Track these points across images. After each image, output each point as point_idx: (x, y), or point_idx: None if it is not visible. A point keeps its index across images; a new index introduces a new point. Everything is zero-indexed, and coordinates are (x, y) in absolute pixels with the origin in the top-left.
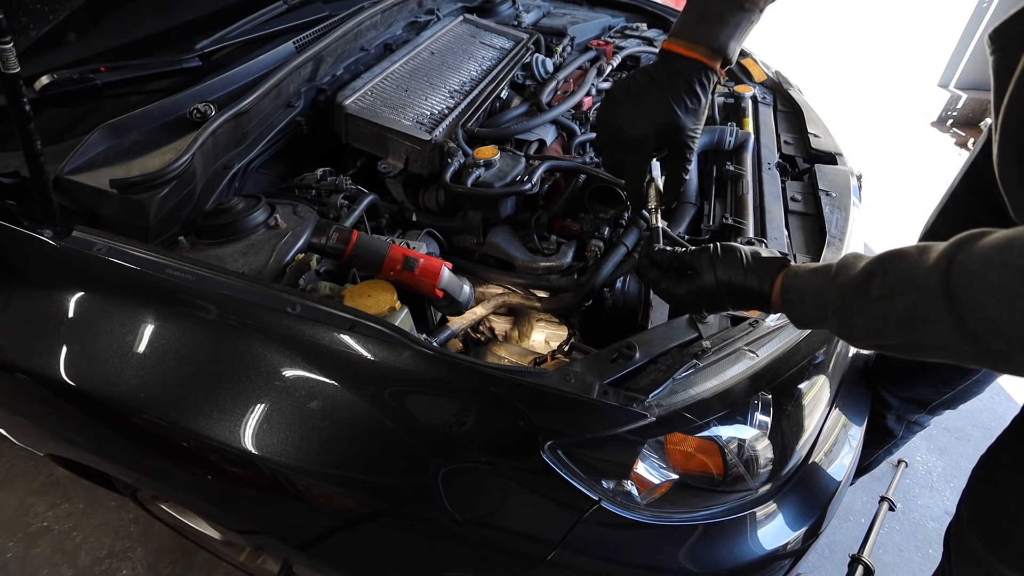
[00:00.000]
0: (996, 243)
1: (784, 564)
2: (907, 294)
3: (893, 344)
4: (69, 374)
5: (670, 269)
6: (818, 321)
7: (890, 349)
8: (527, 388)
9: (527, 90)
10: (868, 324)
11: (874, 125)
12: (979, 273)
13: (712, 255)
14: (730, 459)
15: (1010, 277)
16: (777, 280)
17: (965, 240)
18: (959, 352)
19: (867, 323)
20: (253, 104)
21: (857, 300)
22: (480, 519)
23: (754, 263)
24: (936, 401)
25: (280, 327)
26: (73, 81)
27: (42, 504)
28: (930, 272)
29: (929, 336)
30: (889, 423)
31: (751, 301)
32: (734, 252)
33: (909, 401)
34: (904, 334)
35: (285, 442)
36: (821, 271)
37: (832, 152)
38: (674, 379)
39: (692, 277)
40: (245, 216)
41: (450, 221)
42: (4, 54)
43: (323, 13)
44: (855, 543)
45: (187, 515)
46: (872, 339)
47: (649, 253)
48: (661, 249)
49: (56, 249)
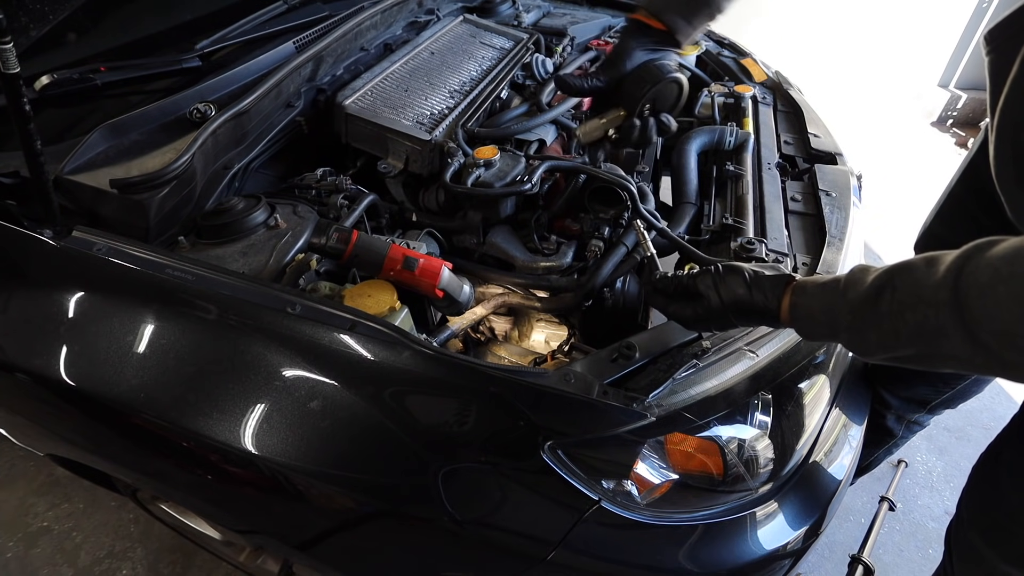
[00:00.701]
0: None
1: (784, 564)
2: (917, 308)
3: (906, 356)
4: (69, 374)
5: (675, 294)
6: (829, 336)
7: (903, 361)
8: (527, 388)
9: (527, 90)
10: (880, 338)
11: (874, 125)
12: (988, 285)
13: (715, 277)
14: (730, 459)
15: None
16: (785, 297)
17: (972, 251)
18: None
19: (879, 337)
20: (253, 104)
21: (868, 315)
22: (480, 519)
23: (759, 281)
24: (936, 400)
25: (280, 327)
26: (73, 81)
27: (42, 504)
28: (939, 285)
29: (942, 348)
30: (889, 423)
31: (759, 319)
32: (737, 272)
33: (909, 400)
34: (917, 346)
35: (285, 442)
36: (830, 286)
37: (832, 152)
38: (674, 379)
39: (698, 300)
40: (245, 216)
41: (450, 221)
42: (4, 54)
43: (323, 13)
44: (855, 543)
45: (187, 515)
46: (885, 352)
47: (652, 281)
48: (663, 276)
49: (56, 249)
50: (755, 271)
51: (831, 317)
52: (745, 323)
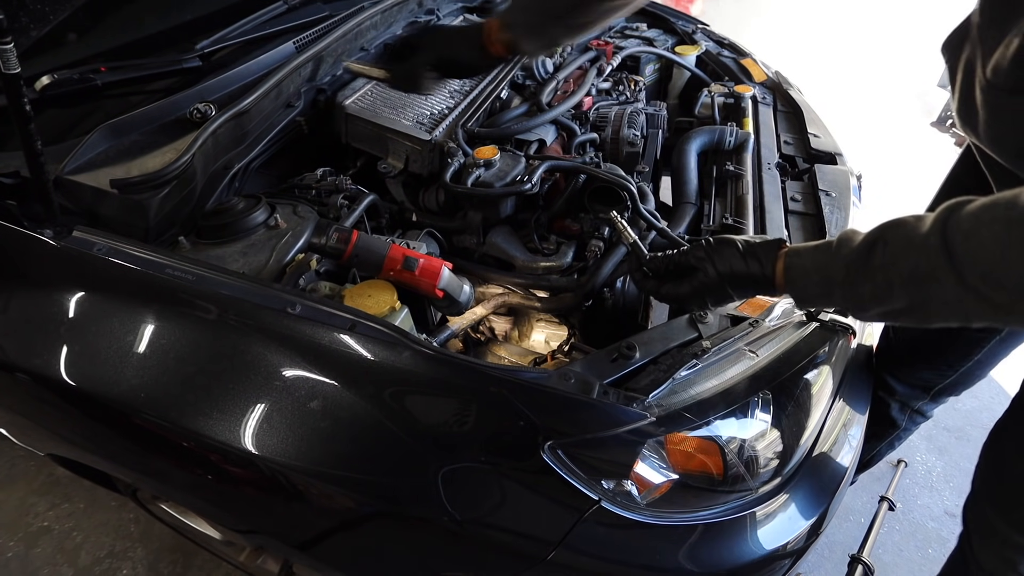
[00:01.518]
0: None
1: (784, 564)
2: (909, 256)
3: (900, 308)
4: (69, 374)
5: (667, 273)
6: (823, 297)
7: (897, 315)
8: (527, 388)
9: (527, 90)
10: (875, 291)
11: (874, 125)
12: (972, 231)
13: (708, 249)
14: (730, 459)
15: (1000, 230)
16: (778, 262)
17: (954, 206)
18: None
19: (873, 290)
20: (253, 104)
21: (862, 270)
22: (480, 519)
23: (752, 249)
24: (940, 385)
25: (280, 327)
26: (73, 81)
27: (43, 504)
28: (928, 233)
29: (934, 295)
30: (893, 412)
31: (755, 287)
32: (730, 243)
33: (914, 386)
34: (911, 295)
35: (285, 442)
36: (822, 247)
37: (832, 152)
38: (674, 379)
39: (692, 275)
40: (245, 216)
41: (450, 221)
42: (5, 54)
43: (323, 13)
44: (855, 543)
45: (187, 515)
46: (880, 306)
47: (642, 266)
48: (653, 256)
49: (56, 249)
50: (746, 240)
51: (825, 276)
52: (741, 294)
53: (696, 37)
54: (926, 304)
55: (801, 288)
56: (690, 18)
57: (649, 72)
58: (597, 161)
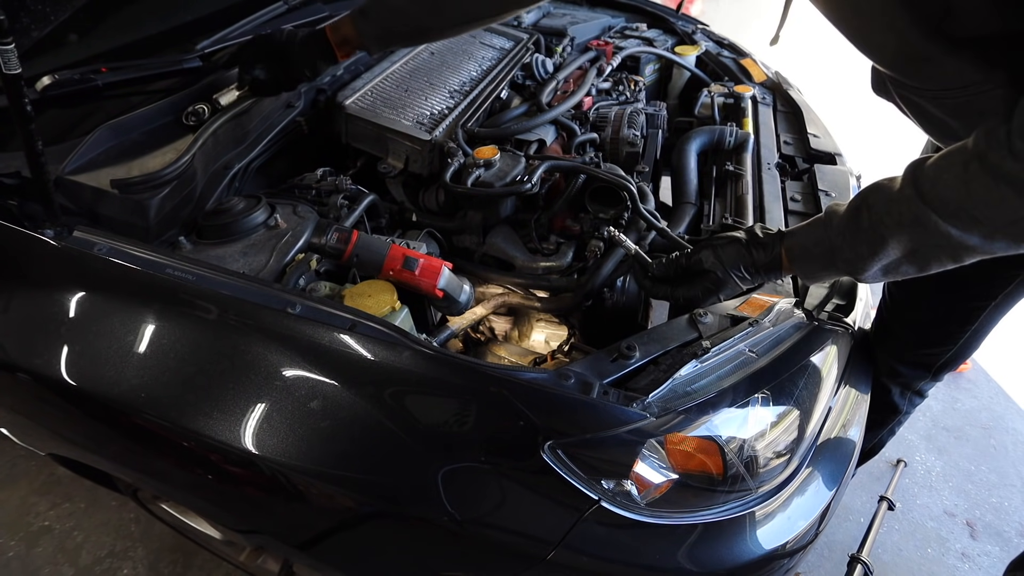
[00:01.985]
0: (940, 155)
1: (784, 564)
2: (891, 210)
3: (898, 258)
4: (70, 374)
5: (676, 277)
6: (827, 267)
7: (897, 266)
8: (527, 388)
9: (527, 90)
10: (871, 247)
11: (874, 125)
12: (936, 176)
13: (716, 251)
14: (730, 459)
15: (959, 171)
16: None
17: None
18: (951, 247)
19: (870, 247)
20: (253, 104)
21: (855, 232)
22: (480, 519)
23: (755, 240)
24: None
25: (280, 327)
26: (74, 82)
27: (43, 503)
28: (902, 186)
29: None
30: (895, 398)
31: (765, 275)
32: (734, 240)
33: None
34: (903, 242)
35: (285, 442)
36: (815, 223)
37: (832, 152)
38: (674, 379)
39: (703, 276)
40: (245, 216)
41: (450, 221)
42: (6, 55)
43: (323, 13)
44: (854, 543)
45: (187, 515)
46: (879, 260)
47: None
48: (658, 262)
49: (57, 249)
50: (749, 234)
51: (825, 247)
52: (750, 284)
53: (696, 37)
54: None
55: (805, 264)
56: (690, 18)
57: (649, 72)
58: (597, 161)
